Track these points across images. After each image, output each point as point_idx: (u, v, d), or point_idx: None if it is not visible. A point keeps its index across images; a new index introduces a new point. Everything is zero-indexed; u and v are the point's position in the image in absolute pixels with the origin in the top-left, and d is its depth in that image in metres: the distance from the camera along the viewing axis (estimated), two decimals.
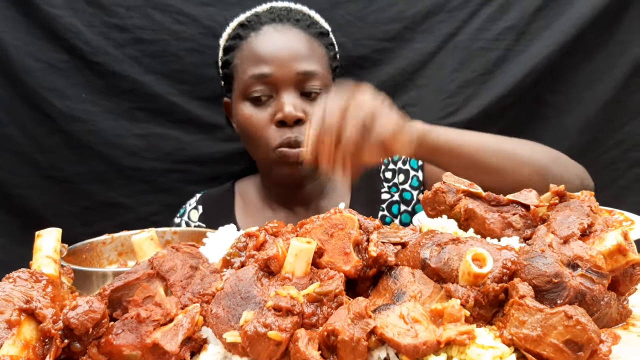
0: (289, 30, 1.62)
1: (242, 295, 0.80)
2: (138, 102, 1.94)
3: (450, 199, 1.03)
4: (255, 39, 1.61)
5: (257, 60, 1.58)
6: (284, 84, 1.56)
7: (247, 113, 1.60)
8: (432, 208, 1.05)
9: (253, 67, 1.58)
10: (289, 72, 1.56)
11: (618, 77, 1.93)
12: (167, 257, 0.89)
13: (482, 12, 1.93)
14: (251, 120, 1.59)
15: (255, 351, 0.74)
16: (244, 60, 1.61)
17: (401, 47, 1.95)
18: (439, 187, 1.04)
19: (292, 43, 1.60)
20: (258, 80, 1.57)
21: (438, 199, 1.04)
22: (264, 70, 1.56)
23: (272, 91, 1.58)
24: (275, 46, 1.59)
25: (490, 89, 1.92)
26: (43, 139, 1.92)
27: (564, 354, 0.72)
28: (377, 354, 0.74)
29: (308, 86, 1.58)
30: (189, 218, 1.82)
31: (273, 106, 1.58)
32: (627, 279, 0.84)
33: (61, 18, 1.86)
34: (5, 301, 0.80)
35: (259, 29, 1.62)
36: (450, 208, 1.03)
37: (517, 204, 0.99)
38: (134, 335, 0.79)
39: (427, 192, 1.06)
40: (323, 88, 1.60)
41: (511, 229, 0.96)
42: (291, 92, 1.57)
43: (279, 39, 1.60)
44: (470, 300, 0.78)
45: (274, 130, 1.57)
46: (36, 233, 0.92)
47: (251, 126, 1.60)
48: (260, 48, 1.59)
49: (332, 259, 0.84)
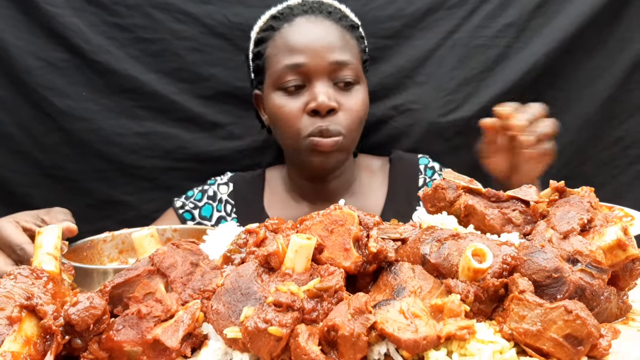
0: (322, 22, 1.63)
1: (243, 291, 0.81)
2: (139, 101, 1.94)
3: (450, 195, 1.03)
4: (288, 30, 1.62)
5: (290, 50, 1.59)
6: (317, 74, 1.57)
7: (280, 102, 1.61)
8: (432, 204, 1.05)
9: (287, 57, 1.59)
10: (322, 61, 1.57)
11: (618, 74, 1.93)
12: (168, 253, 0.89)
13: (481, 9, 1.92)
14: (283, 109, 1.60)
15: (256, 347, 0.74)
16: (278, 51, 1.62)
17: (401, 44, 1.95)
18: (439, 184, 1.04)
19: (326, 34, 1.61)
20: (291, 70, 1.58)
21: (438, 195, 1.04)
22: (298, 60, 1.57)
23: (304, 81, 1.59)
24: (308, 36, 1.60)
25: (489, 87, 1.92)
26: (44, 138, 1.92)
27: (563, 348, 0.72)
28: (378, 349, 0.74)
29: (340, 76, 1.59)
30: (218, 189, 1.82)
31: (306, 95, 1.59)
32: (627, 273, 0.84)
33: (62, 17, 1.86)
34: (7, 298, 0.80)
35: (292, 20, 1.63)
36: (450, 204, 1.03)
37: (516, 199, 0.99)
38: (135, 332, 0.80)
39: (427, 188, 1.06)
40: (355, 78, 1.62)
41: (511, 225, 0.96)
42: (324, 82, 1.58)
43: (313, 29, 1.61)
44: (470, 295, 0.78)
45: (306, 120, 1.57)
46: (37, 230, 0.92)
47: (283, 115, 1.60)
48: (294, 38, 1.60)
49: (332, 255, 0.84)
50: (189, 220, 1.78)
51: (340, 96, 1.59)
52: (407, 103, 1.95)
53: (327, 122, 1.56)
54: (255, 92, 1.75)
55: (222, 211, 1.80)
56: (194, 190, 1.84)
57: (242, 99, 1.95)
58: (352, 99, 1.61)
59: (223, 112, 1.96)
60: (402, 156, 1.84)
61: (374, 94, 1.96)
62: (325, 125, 1.55)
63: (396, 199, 1.77)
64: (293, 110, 1.58)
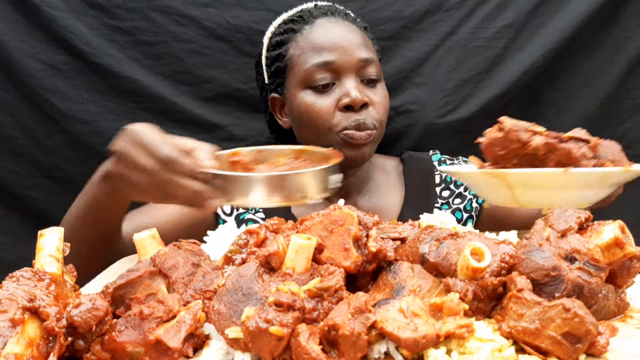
0: (342, 22, 1.67)
1: (244, 291, 0.81)
2: (140, 103, 1.94)
3: (524, 137, 1.03)
4: (312, 31, 1.64)
5: (318, 49, 1.61)
6: (347, 71, 1.60)
7: (310, 100, 1.62)
8: (501, 147, 1.05)
9: (315, 55, 1.61)
10: (351, 58, 1.60)
11: (616, 74, 1.93)
12: (169, 254, 0.90)
13: (479, 10, 1.93)
14: (314, 107, 1.61)
15: (257, 346, 0.75)
16: (304, 51, 1.63)
17: (399, 46, 1.95)
18: (509, 127, 1.05)
19: (349, 32, 1.65)
20: (320, 68, 1.60)
21: (510, 137, 1.05)
22: (327, 57, 1.60)
23: (334, 78, 1.61)
24: (335, 35, 1.63)
25: (488, 87, 1.93)
26: (45, 140, 1.93)
27: (562, 346, 0.72)
28: (378, 347, 0.75)
29: (367, 73, 1.63)
30: None
31: (336, 92, 1.60)
32: (625, 271, 0.84)
33: (62, 20, 1.87)
34: (9, 300, 0.81)
35: (312, 22, 1.66)
36: (524, 145, 1.04)
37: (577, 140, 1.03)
38: (137, 332, 0.80)
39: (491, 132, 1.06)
40: (378, 75, 1.65)
41: (585, 159, 1.01)
42: (353, 78, 1.61)
43: (336, 29, 1.65)
44: (469, 294, 0.78)
45: (339, 115, 1.59)
46: (39, 232, 0.93)
47: (314, 113, 1.61)
48: (321, 37, 1.62)
49: (332, 255, 0.85)
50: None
51: (368, 91, 1.63)
52: (406, 104, 1.95)
53: (363, 115, 1.59)
54: (273, 95, 1.75)
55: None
56: None
57: (242, 101, 1.96)
58: (378, 94, 1.65)
59: (223, 113, 1.96)
60: (414, 155, 1.86)
61: None
62: (362, 119, 1.58)
63: (414, 199, 1.78)
64: (325, 107, 1.60)
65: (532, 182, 1.09)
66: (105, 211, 1.36)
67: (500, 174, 1.11)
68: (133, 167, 1.13)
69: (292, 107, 1.67)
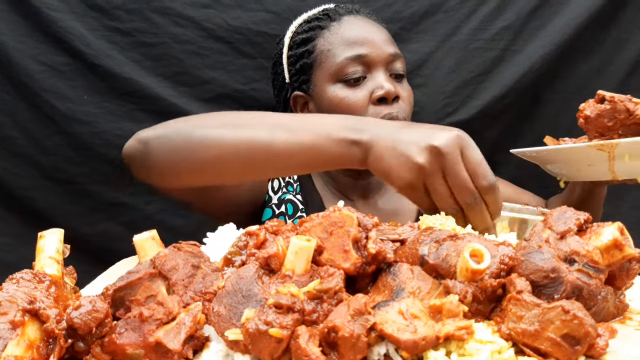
0: (367, 20, 1.72)
1: (244, 293, 0.81)
2: (140, 104, 1.95)
3: (631, 106, 1.07)
4: (340, 26, 1.68)
5: (350, 43, 1.65)
6: (378, 64, 1.64)
7: (343, 94, 1.64)
8: (610, 118, 1.08)
9: (346, 49, 1.64)
10: (382, 52, 1.64)
11: (616, 75, 1.94)
12: (169, 256, 0.90)
13: (479, 12, 1.94)
14: (347, 100, 1.63)
15: (257, 348, 0.75)
16: (334, 46, 1.67)
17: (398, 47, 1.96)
18: (617, 97, 1.09)
19: (377, 28, 1.70)
20: (353, 61, 1.63)
21: (618, 108, 1.07)
22: (360, 51, 1.63)
23: (365, 72, 1.64)
24: (365, 30, 1.67)
25: (488, 89, 1.93)
26: (45, 141, 1.93)
27: (561, 348, 0.72)
28: (377, 349, 0.75)
29: (395, 67, 1.67)
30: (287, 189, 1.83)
31: (368, 86, 1.63)
32: (624, 273, 0.84)
33: (62, 21, 1.87)
34: (9, 302, 0.81)
35: (339, 19, 1.70)
36: (630, 115, 1.07)
37: None
38: (137, 334, 0.80)
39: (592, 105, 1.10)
40: (404, 70, 1.70)
41: None
42: (383, 72, 1.65)
43: (365, 25, 1.69)
44: (468, 295, 0.78)
45: (372, 109, 1.62)
46: (39, 234, 0.93)
47: (347, 106, 1.63)
48: (352, 32, 1.66)
49: (331, 257, 0.85)
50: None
51: (397, 85, 1.66)
52: None
53: (395, 108, 1.61)
54: (296, 93, 1.76)
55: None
56: None
57: (242, 102, 1.96)
58: (405, 89, 1.69)
59: None
60: None
61: None
62: (395, 112, 1.61)
63: None
64: (359, 100, 1.62)
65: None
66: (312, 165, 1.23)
67: (609, 144, 1.13)
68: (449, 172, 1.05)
69: (322, 102, 1.69)
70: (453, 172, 1.05)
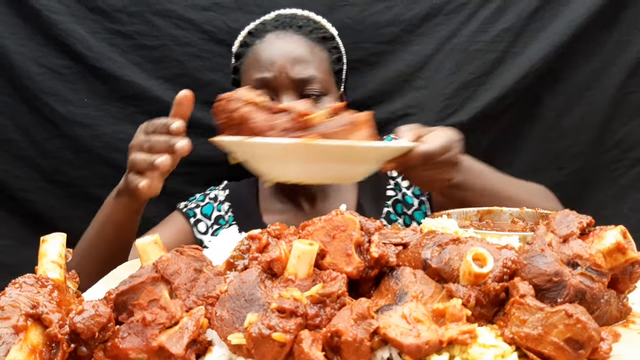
0: (290, 37, 1.69)
1: (246, 297, 0.81)
2: (140, 107, 1.95)
3: (233, 106, 1.13)
4: (259, 46, 1.69)
5: (259, 66, 1.66)
6: (283, 88, 1.63)
7: None
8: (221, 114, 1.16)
9: (256, 72, 1.66)
10: (286, 76, 1.63)
11: (617, 77, 1.94)
12: (172, 260, 0.90)
13: (479, 14, 1.94)
14: None
15: (260, 353, 0.75)
16: (249, 67, 1.69)
17: (399, 49, 1.96)
18: (228, 96, 1.16)
19: (292, 49, 1.67)
20: (260, 85, 1.63)
21: (224, 107, 1.15)
22: (265, 74, 1.64)
23: (272, 94, 1.64)
24: (275, 52, 1.66)
25: (488, 91, 1.93)
26: (46, 144, 1.94)
27: (564, 352, 0.72)
28: (380, 354, 0.75)
29: (307, 90, 1.65)
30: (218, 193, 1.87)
31: None
32: (627, 276, 0.84)
33: (63, 24, 1.87)
34: (12, 307, 0.81)
35: (263, 36, 1.70)
36: (230, 113, 1.13)
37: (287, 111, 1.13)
38: (140, 339, 0.80)
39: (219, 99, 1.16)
40: (323, 91, 1.67)
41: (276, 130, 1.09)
42: (290, 95, 1.64)
43: (279, 45, 1.67)
44: (471, 299, 0.78)
45: None
46: (41, 238, 0.93)
47: None
48: (263, 54, 1.67)
49: (334, 261, 0.85)
50: (191, 217, 1.80)
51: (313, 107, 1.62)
52: (406, 108, 1.96)
53: None
54: None
55: (221, 211, 1.82)
56: (196, 195, 1.86)
57: None
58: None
59: None
60: None
61: (373, 98, 1.98)
62: None
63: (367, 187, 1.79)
64: None
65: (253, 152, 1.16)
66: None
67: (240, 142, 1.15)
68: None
69: None
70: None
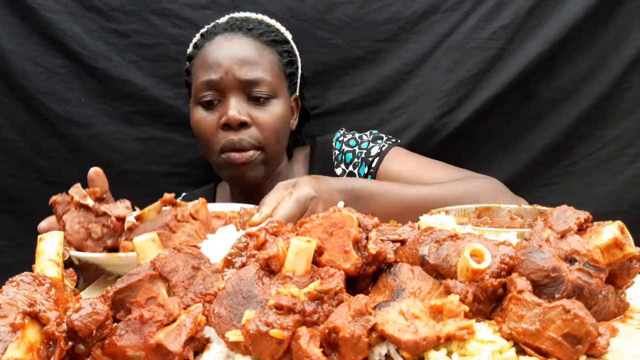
0: (239, 39, 1.71)
1: (244, 294, 0.81)
2: (137, 106, 1.95)
3: (60, 210, 1.17)
4: (207, 48, 1.70)
5: (206, 67, 1.67)
6: (230, 89, 1.65)
7: (198, 117, 1.69)
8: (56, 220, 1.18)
9: (203, 73, 1.67)
10: (233, 78, 1.64)
11: (613, 73, 1.93)
12: (169, 258, 0.90)
13: (476, 11, 1.93)
14: (201, 123, 1.69)
15: (258, 349, 0.75)
16: (197, 68, 1.71)
17: (397, 47, 1.96)
18: (55, 199, 1.19)
19: (239, 51, 1.68)
20: (207, 86, 1.66)
21: (55, 210, 1.19)
22: (212, 76, 1.65)
23: (220, 96, 1.66)
24: (222, 54, 1.67)
25: (485, 88, 1.93)
26: (43, 143, 1.93)
27: (562, 347, 0.72)
28: (378, 350, 0.75)
29: (254, 92, 1.66)
30: None
31: (220, 110, 1.66)
32: (625, 272, 0.84)
33: (60, 23, 1.87)
34: (9, 305, 0.81)
35: (212, 38, 1.72)
36: (59, 218, 1.17)
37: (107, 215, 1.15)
38: (138, 336, 0.80)
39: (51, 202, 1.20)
40: (271, 94, 1.68)
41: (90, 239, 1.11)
42: (237, 97, 1.65)
43: (227, 47, 1.69)
44: (469, 295, 0.78)
45: (220, 134, 1.65)
46: (38, 237, 0.93)
47: (201, 129, 1.69)
48: (210, 56, 1.68)
49: (332, 257, 0.85)
50: None
51: (254, 110, 1.66)
52: (403, 106, 1.96)
53: (240, 135, 1.63)
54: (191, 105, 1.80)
55: None
56: None
57: None
58: (267, 114, 1.67)
59: None
60: (320, 139, 1.88)
61: (370, 96, 1.98)
62: (237, 139, 1.62)
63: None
64: (208, 124, 1.67)
65: None
66: None
67: None
68: None
69: (191, 120, 1.74)
70: None
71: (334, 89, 1.97)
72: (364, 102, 1.98)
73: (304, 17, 1.92)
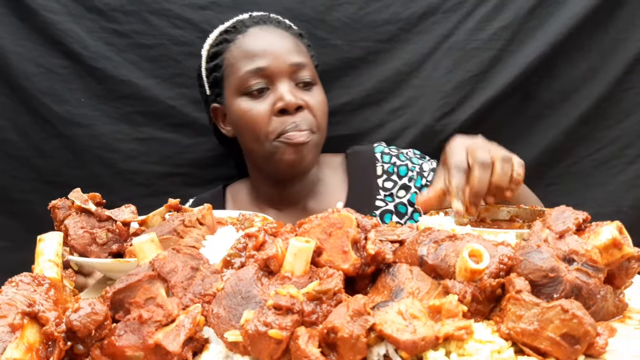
0: (274, 29, 1.72)
1: (243, 295, 0.81)
2: (137, 106, 1.95)
3: (61, 215, 1.17)
4: (244, 39, 1.69)
5: (251, 56, 1.65)
6: (280, 75, 1.63)
7: (246, 107, 1.65)
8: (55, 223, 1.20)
9: (248, 62, 1.64)
10: (283, 63, 1.64)
11: (613, 73, 1.93)
12: (168, 258, 0.90)
13: (476, 12, 1.93)
14: (250, 113, 1.64)
15: (257, 350, 0.75)
16: (237, 59, 1.67)
17: (397, 48, 1.96)
18: (55, 204, 1.20)
19: (280, 38, 1.69)
20: (254, 74, 1.63)
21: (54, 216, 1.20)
22: (260, 63, 1.63)
23: (267, 84, 1.64)
24: (266, 42, 1.67)
25: (485, 89, 1.93)
26: (43, 144, 1.93)
27: (561, 347, 0.73)
28: (377, 350, 0.75)
29: (300, 76, 1.66)
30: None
31: (271, 97, 1.63)
32: (623, 272, 0.84)
33: (60, 24, 1.87)
34: (9, 305, 0.81)
35: (245, 31, 1.70)
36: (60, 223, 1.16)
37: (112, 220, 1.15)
38: (137, 337, 0.80)
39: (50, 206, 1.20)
40: (313, 79, 1.68)
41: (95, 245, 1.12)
42: (287, 82, 1.64)
43: (268, 36, 1.69)
44: (467, 295, 0.78)
45: (275, 121, 1.61)
46: (38, 237, 0.93)
47: (251, 119, 1.64)
48: (253, 45, 1.67)
49: (330, 258, 0.85)
50: None
51: (304, 95, 1.65)
52: (404, 106, 1.96)
53: (299, 118, 1.61)
54: (213, 105, 1.77)
55: None
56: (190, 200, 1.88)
57: None
58: (315, 97, 1.67)
59: None
60: (358, 150, 1.87)
61: (370, 97, 1.98)
62: (297, 121, 1.61)
63: (357, 193, 1.79)
64: (261, 112, 1.63)
65: None
66: None
67: None
68: None
69: (232, 115, 1.71)
70: None
71: (333, 89, 1.97)
72: (364, 102, 1.97)
73: (304, 17, 1.92)
